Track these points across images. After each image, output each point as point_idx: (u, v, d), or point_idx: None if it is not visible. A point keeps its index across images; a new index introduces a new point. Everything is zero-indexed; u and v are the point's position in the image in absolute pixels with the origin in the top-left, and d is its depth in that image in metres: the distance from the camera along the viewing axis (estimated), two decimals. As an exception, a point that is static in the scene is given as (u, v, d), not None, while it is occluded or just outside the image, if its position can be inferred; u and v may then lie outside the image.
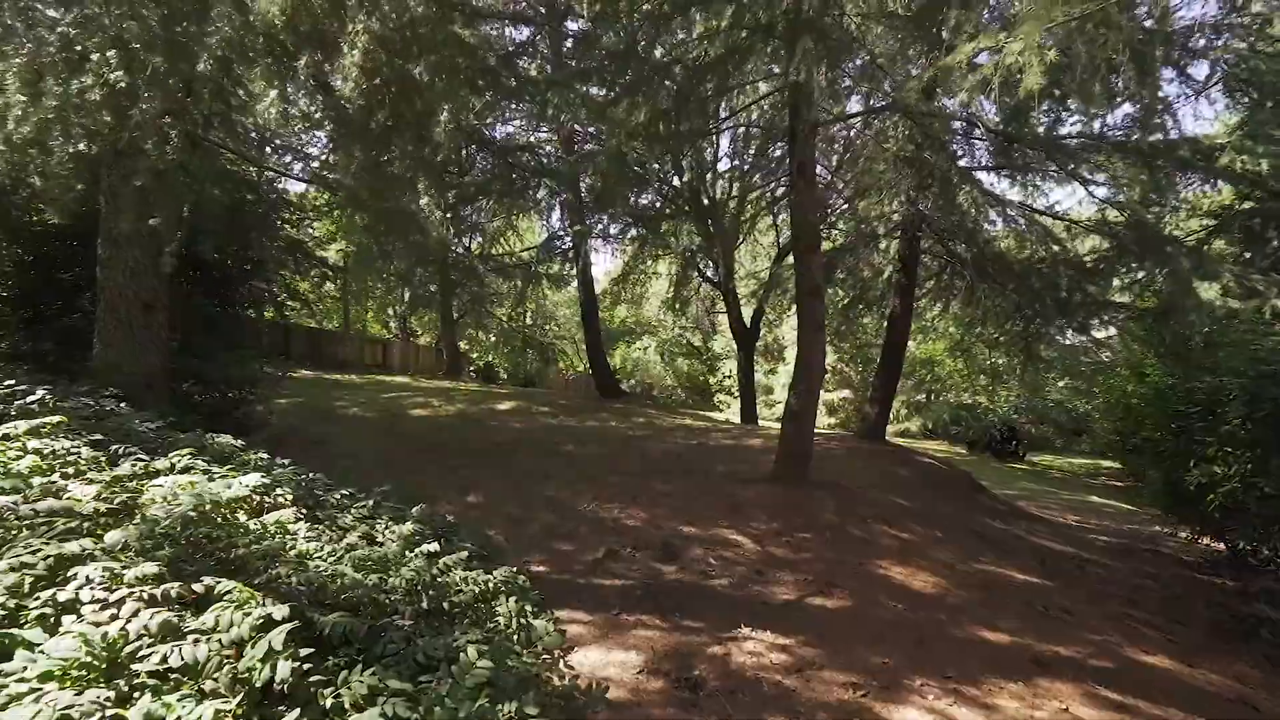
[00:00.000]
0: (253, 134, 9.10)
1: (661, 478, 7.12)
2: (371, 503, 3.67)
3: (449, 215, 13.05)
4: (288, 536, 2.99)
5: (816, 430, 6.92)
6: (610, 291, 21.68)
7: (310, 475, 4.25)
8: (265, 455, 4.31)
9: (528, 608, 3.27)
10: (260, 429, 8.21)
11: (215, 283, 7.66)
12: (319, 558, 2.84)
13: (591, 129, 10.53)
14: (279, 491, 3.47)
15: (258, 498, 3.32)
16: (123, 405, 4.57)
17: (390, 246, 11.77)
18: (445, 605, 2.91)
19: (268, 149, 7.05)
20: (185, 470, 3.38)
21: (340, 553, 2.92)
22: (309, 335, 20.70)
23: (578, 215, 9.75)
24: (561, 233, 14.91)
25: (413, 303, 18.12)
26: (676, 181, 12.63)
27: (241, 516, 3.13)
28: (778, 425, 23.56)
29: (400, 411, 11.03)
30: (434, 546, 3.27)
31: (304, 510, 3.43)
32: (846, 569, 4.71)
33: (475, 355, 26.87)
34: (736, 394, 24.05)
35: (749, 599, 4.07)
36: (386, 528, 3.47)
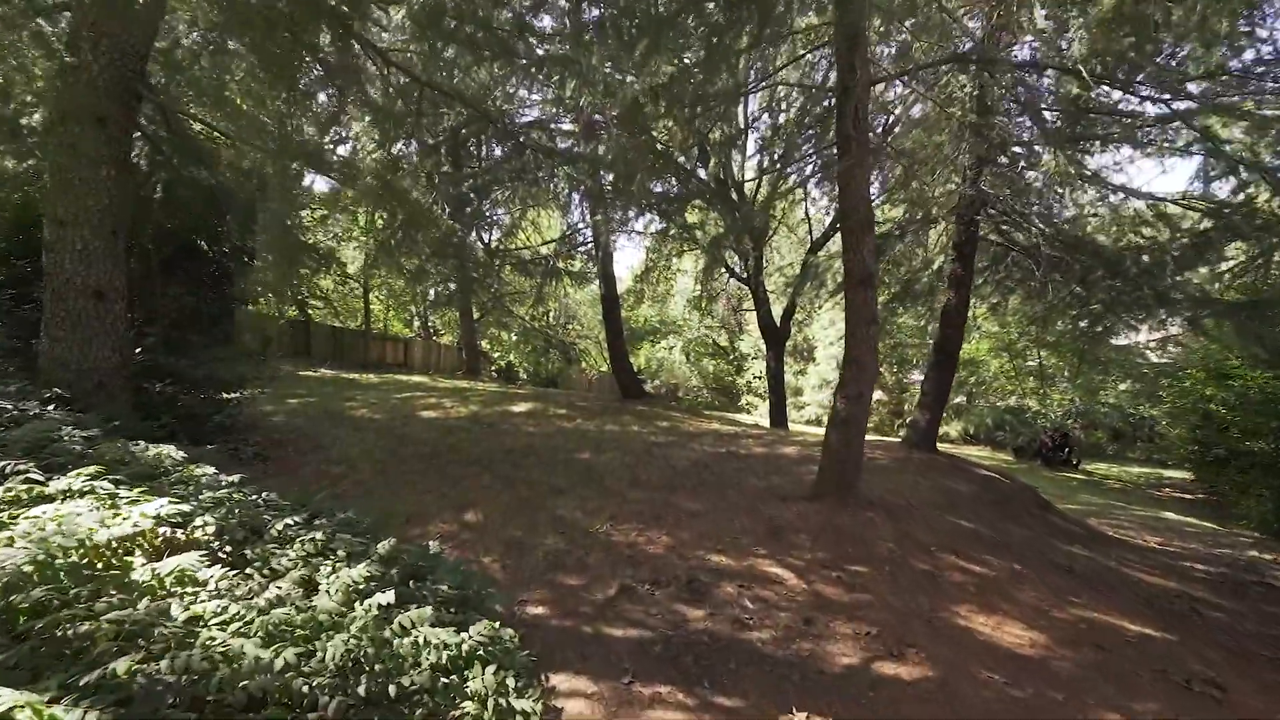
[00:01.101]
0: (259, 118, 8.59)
1: (687, 493, 6.28)
2: (320, 535, 2.92)
3: (465, 209, 12.43)
4: (187, 590, 2.24)
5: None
6: (634, 290, 20.92)
7: (262, 496, 3.54)
8: (212, 470, 3.61)
9: (511, 681, 2.47)
10: (248, 432, 7.64)
11: (202, 273, 7.10)
12: (220, 623, 2.08)
13: (614, 112, 9.75)
14: (201, 521, 2.74)
15: (166, 531, 2.59)
16: (56, 409, 3.93)
17: (403, 237, 11.21)
18: (394, 688, 2.12)
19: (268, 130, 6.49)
20: (85, 494, 2.66)
21: (254, 614, 2.15)
22: (331, 334, 20.52)
23: (598, 203, 8.98)
24: (581, 225, 14.16)
25: (426, 296, 17.59)
26: (702, 173, 11.79)
27: (138, 559, 2.40)
28: (809, 429, 22.46)
29: (410, 413, 10.40)
30: (388, 597, 2.50)
31: (228, 549, 2.69)
32: (917, 617, 3.81)
33: (497, 355, 26.35)
34: (765, 395, 23.06)
35: (798, 662, 3.21)
36: (334, 570, 2.71)
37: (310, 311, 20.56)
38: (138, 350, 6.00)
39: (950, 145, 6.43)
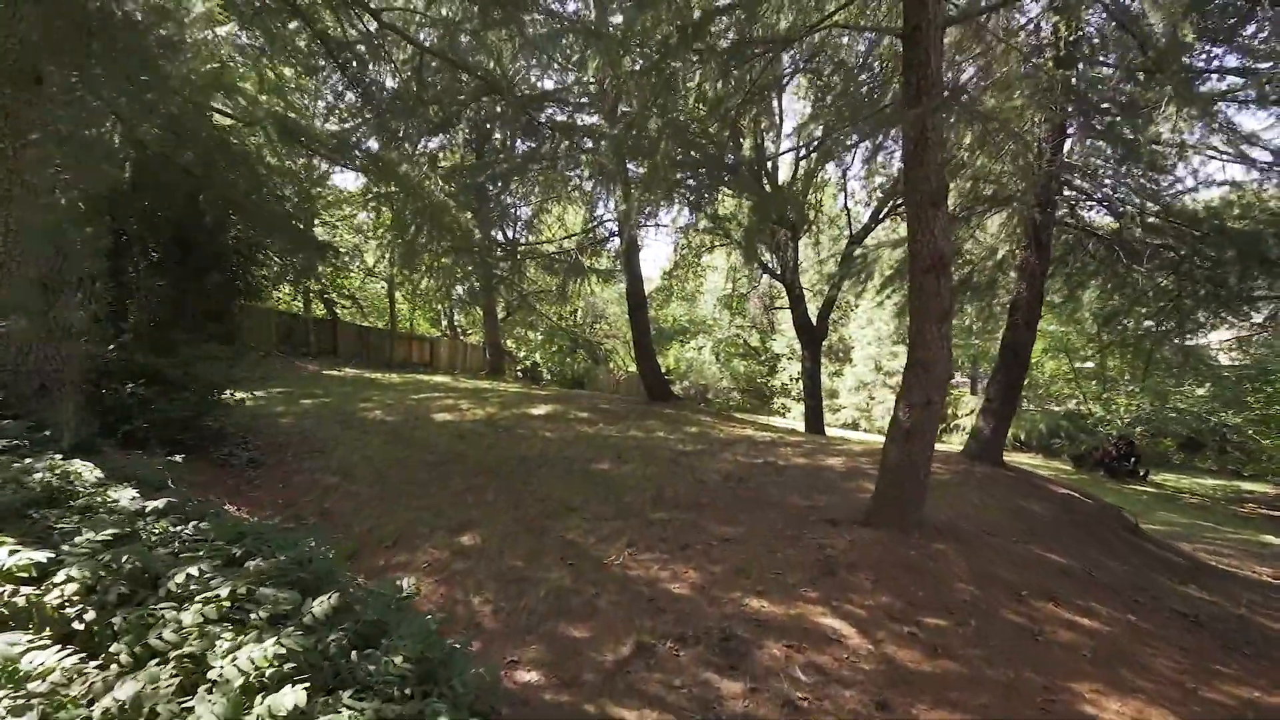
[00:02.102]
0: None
1: (719, 513, 5.44)
2: (233, 589, 2.19)
3: (488, 202, 11.83)
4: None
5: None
6: (663, 288, 20.14)
7: (191, 526, 2.84)
8: (132, 494, 2.93)
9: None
10: (250, 436, 7.12)
11: (196, 265, 6.58)
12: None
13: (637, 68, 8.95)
14: (64, 576, 2.03)
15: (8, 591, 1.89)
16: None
17: (416, 231, 10.67)
18: None
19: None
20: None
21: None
22: (358, 333, 20.37)
23: (612, 181, 8.22)
24: (606, 216, 13.42)
25: (447, 291, 17.15)
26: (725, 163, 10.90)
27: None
28: (846, 434, 21.34)
29: (424, 415, 9.80)
30: (295, 698, 1.74)
31: (88, 615, 1.98)
32: (1027, 699, 2.90)
33: (523, 355, 25.84)
34: (798, 398, 22.00)
35: (876, 772, 2.36)
36: (236, 647, 1.97)
37: (338, 310, 20.40)
38: (110, 348, 5.48)
39: (1032, 107, 5.43)
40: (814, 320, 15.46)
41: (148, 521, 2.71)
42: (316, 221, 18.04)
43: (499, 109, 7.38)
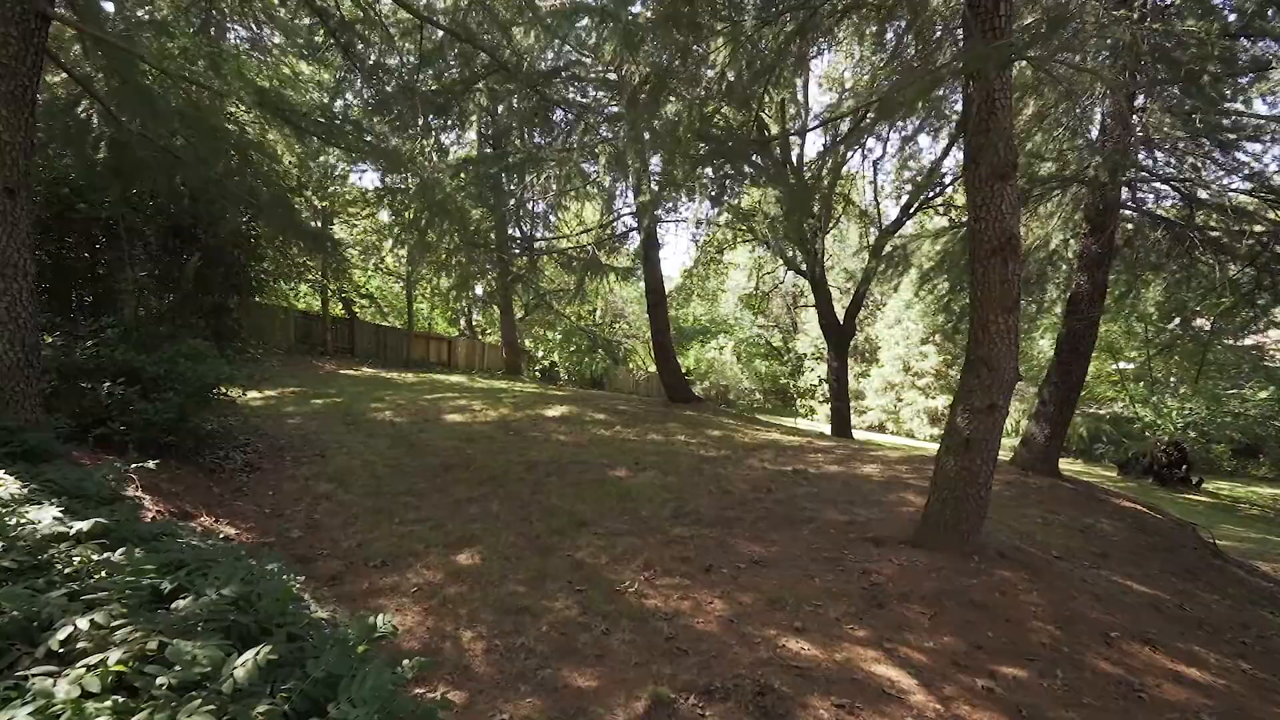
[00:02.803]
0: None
1: (748, 529, 4.87)
2: (117, 657, 1.70)
3: (503, 197, 11.40)
4: None
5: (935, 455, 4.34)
6: (683, 287, 19.56)
7: (115, 555, 2.37)
8: (55, 515, 2.47)
9: None
10: (254, 437, 6.77)
11: (189, 257, 6.20)
12: None
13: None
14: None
15: None
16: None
17: (425, 224, 10.29)
18: None
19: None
20: None
21: None
22: (375, 332, 20.22)
23: (638, 174, 7.69)
24: (624, 209, 12.91)
25: (461, 288, 16.80)
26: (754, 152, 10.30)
27: None
28: (873, 437, 20.48)
29: (434, 416, 9.39)
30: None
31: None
32: (1149, 789, 2.29)
33: (541, 354, 25.46)
34: (823, 399, 21.24)
35: None
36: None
37: (356, 310, 20.23)
38: (89, 344, 5.11)
39: (1112, 67, 4.74)
40: (841, 319, 14.77)
41: (62, 549, 2.25)
42: (335, 221, 17.88)
43: (509, 87, 6.88)
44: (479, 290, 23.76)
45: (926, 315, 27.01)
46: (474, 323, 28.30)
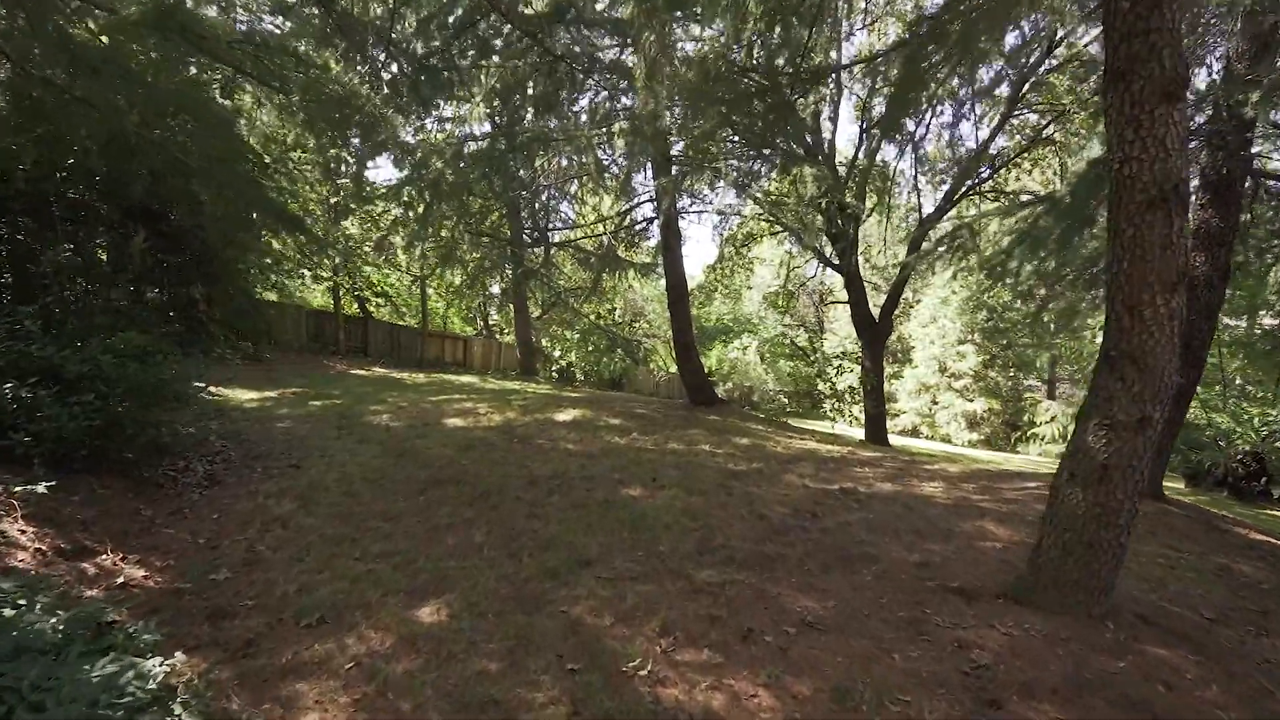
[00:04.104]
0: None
1: (794, 570, 3.83)
2: None
3: (514, 184, 10.53)
4: None
5: (998, 465, 3.22)
6: (705, 285, 18.50)
7: None
8: None
9: None
10: (233, 444, 5.98)
11: (128, 238, 5.38)
12: None
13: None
14: None
15: None
16: None
17: (426, 213, 9.47)
18: None
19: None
20: None
21: None
22: (389, 331, 19.59)
23: (638, 143, 6.72)
24: (644, 195, 11.92)
25: (471, 281, 16.00)
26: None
27: None
28: (909, 442, 19.12)
29: (434, 420, 8.50)
30: None
31: None
32: None
33: (558, 354, 24.57)
34: (854, 401, 19.95)
35: None
36: None
37: (370, 308, 19.58)
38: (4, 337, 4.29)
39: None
40: (876, 316, 13.59)
41: None
42: (351, 216, 17.15)
43: (502, 41, 5.92)
44: (495, 288, 23.04)
45: (964, 313, 25.44)
46: (490, 322, 27.57)
